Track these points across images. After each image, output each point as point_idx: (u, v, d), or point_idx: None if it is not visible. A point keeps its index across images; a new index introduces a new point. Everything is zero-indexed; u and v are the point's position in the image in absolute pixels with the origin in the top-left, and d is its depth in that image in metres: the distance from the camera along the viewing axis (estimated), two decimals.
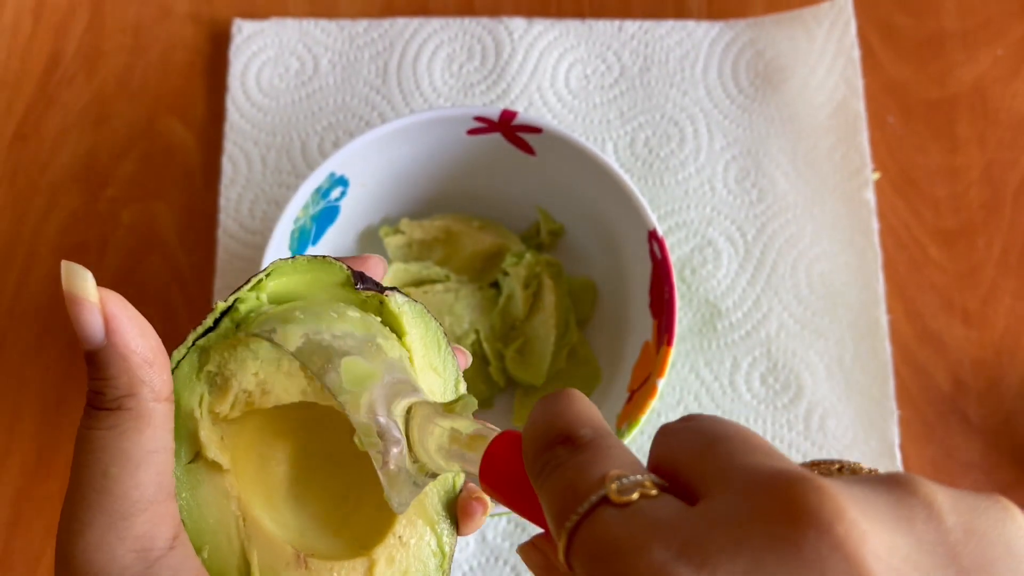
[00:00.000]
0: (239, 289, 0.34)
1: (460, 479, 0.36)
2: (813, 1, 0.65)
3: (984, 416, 0.59)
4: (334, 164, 0.52)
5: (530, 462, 0.27)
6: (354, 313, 0.34)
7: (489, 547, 0.56)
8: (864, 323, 0.59)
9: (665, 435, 0.26)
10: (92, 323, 0.29)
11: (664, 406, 0.58)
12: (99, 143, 0.64)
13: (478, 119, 0.53)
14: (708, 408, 0.58)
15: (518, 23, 0.64)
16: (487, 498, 0.35)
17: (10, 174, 0.64)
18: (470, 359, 0.39)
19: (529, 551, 0.30)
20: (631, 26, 0.65)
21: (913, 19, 0.66)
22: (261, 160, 0.62)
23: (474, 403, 0.32)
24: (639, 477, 0.24)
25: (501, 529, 0.56)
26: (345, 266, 0.35)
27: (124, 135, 0.64)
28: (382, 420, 0.31)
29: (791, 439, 0.57)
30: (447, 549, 0.35)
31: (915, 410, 0.59)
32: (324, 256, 0.35)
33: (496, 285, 0.58)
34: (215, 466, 0.32)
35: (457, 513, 0.35)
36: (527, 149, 0.54)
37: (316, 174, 0.52)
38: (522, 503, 0.29)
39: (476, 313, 0.56)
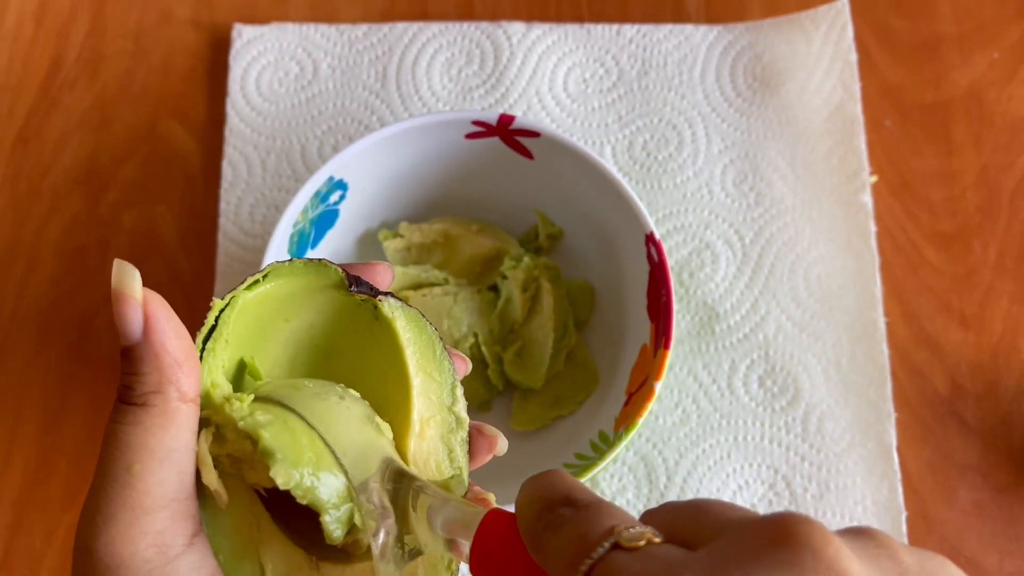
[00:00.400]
0: (236, 288, 0.34)
1: (463, 460, 0.37)
2: (810, 5, 0.66)
3: (981, 418, 0.59)
4: (333, 168, 0.52)
5: (531, 523, 0.28)
6: (355, 393, 0.35)
7: None
8: (861, 326, 0.59)
9: (652, 513, 0.28)
10: (133, 319, 0.30)
11: (662, 409, 0.58)
12: (100, 147, 0.65)
13: (476, 123, 0.53)
14: (706, 411, 0.58)
15: (517, 27, 0.65)
16: (491, 502, 0.36)
17: (12, 178, 0.64)
18: (470, 366, 0.40)
19: None
20: (629, 30, 0.65)
21: (909, 22, 0.67)
22: (261, 164, 0.63)
23: (464, 482, 0.34)
24: (644, 529, 0.26)
25: None
26: (340, 269, 0.36)
27: (125, 139, 0.65)
28: (375, 492, 0.32)
29: (789, 441, 0.57)
30: None
31: (912, 413, 0.59)
32: (320, 259, 0.36)
33: (495, 288, 0.59)
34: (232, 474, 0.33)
35: None
36: (525, 153, 0.55)
37: (315, 178, 0.52)
38: None
39: (474, 316, 0.57)
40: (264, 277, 0.35)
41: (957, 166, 0.64)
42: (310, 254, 0.55)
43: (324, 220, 0.55)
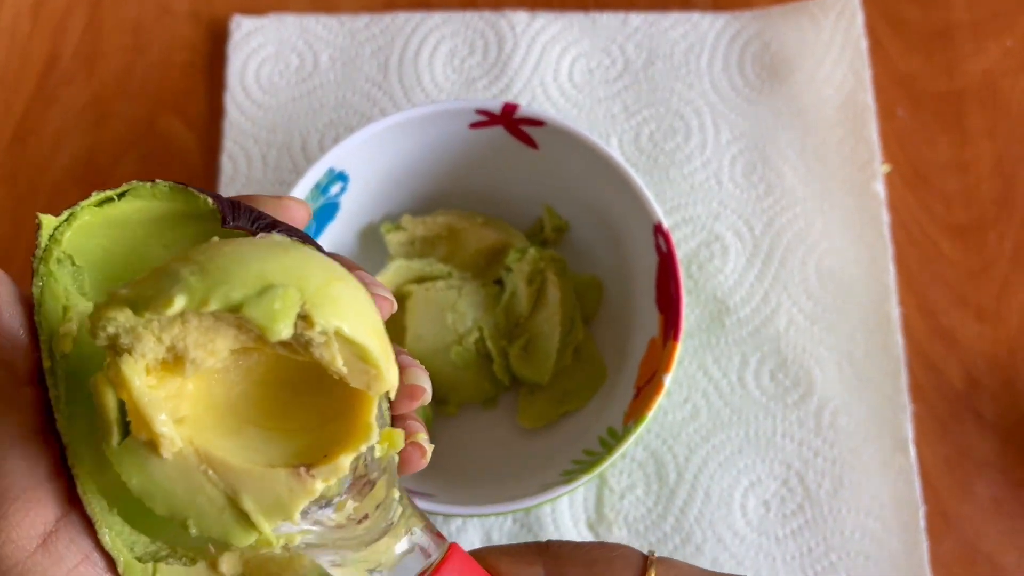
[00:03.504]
0: (78, 203, 0.31)
1: (386, 417, 0.32)
2: None
3: (999, 413, 0.58)
4: (333, 159, 0.52)
5: None
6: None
7: None
8: (875, 318, 0.58)
9: None
10: None
11: (672, 404, 0.57)
12: (99, 143, 0.64)
13: (480, 112, 0.52)
14: (716, 406, 0.57)
15: (520, 17, 0.64)
16: (427, 444, 0.33)
17: (10, 176, 0.63)
18: (395, 305, 0.34)
19: None
20: (635, 19, 0.64)
21: (921, 10, 0.66)
22: (261, 158, 0.62)
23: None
24: None
25: (507, 530, 0.55)
26: (211, 200, 0.32)
27: (124, 135, 0.64)
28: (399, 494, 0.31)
29: (802, 436, 0.56)
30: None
31: (928, 407, 0.58)
32: (189, 186, 0.32)
33: (500, 282, 0.58)
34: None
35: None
36: (530, 143, 0.54)
37: (314, 169, 0.51)
38: None
39: (479, 310, 0.56)
40: (120, 196, 0.31)
41: (972, 156, 0.63)
42: None
43: (324, 213, 0.54)
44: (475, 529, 0.55)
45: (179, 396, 0.28)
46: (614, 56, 0.64)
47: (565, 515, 0.55)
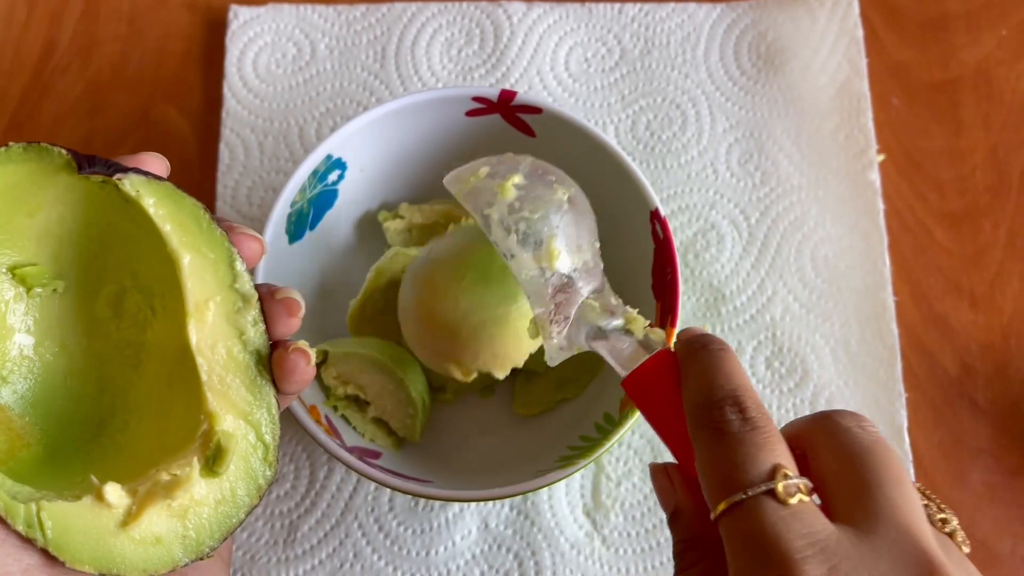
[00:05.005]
0: None
1: (260, 339, 0.34)
2: None
3: (993, 400, 0.58)
4: (331, 146, 0.52)
5: (696, 409, 0.30)
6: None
7: (491, 534, 0.55)
8: (870, 306, 0.58)
9: (806, 431, 0.30)
10: None
11: None
12: (95, 132, 0.64)
13: (477, 99, 0.52)
14: None
15: (517, 6, 0.64)
16: (309, 349, 0.35)
17: None
18: (264, 247, 0.37)
19: (659, 474, 0.34)
20: (631, 8, 0.64)
21: (916, 0, 0.66)
22: (258, 147, 0.62)
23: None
24: (801, 481, 0.27)
25: (503, 516, 0.55)
26: (66, 151, 0.33)
27: (120, 124, 0.64)
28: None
29: None
30: (268, 439, 0.34)
31: (923, 394, 0.58)
32: (41, 143, 0.33)
33: None
34: None
35: (275, 373, 0.34)
36: (527, 131, 0.54)
37: (313, 156, 0.51)
38: (660, 419, 0.34)
39: None
40: None
41: (966, 145, 0.63)
42: (309, 234, 0.54)
43: (322, 200, 0.54)
44: (472, 515, 0.55)
45: None
46: (610, 45, 0.64)
47: (562, 502, 0.55)
